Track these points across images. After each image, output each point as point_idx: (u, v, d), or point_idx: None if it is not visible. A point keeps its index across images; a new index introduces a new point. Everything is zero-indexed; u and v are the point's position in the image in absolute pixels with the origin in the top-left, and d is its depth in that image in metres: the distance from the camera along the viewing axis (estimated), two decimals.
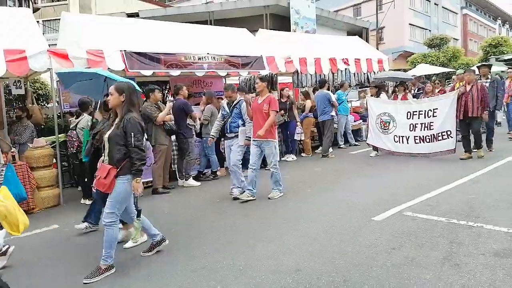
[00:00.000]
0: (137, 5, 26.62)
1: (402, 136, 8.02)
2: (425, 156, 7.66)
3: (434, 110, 7.55)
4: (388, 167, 7.26)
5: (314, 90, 9.95)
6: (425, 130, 7.69)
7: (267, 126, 5.49)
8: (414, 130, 7.84)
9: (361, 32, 24.86)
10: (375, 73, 11.53)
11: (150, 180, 6.66)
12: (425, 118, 7.68)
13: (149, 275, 3.43)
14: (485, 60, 23.88)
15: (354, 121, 10.92)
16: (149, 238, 4.00)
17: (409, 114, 7.92)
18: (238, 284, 3.13)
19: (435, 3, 37.64)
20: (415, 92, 10.84)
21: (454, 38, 36.34)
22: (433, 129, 7.56)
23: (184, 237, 4.36)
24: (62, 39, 7.33)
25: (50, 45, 6.25)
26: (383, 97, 9.13)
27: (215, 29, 9.92)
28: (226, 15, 19.92)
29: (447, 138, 7.42)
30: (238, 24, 12.18)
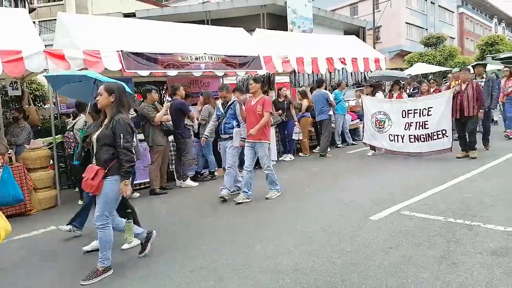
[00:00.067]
0: (133, 5, 26.60)
1: (397, 135, 8.00)
2: (419, 155, 7.63)
3: (429, 109, 7.52)
4: (385, 166, 7.27)
5: (312, 90, 9.96)
6: (420, 129, 7.66)
7: (260, 126, 5.44)
8: (409, 129, 7.81)
9: (358, 31, 24.90)
10: (372, 72, 11.54)
11: (148, 180, 6.66)
12: (420, 117, 7.66)
13: (147, 276, 3.42)
14: (481, 58, 23.96)
15: (351, 120, 10.94)
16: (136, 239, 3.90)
17: (404, 112, 7.90)
18: (237, 284, 3.13)
19: (432, 2, 37.74)
20: (410, 91, 10.86)
21: (450, 37, 36.46)
22: (427, 128, 7.54)
23: (182, 237, 4.35)
24: (58, 40, 7.29)
25: (46, 45, 6.21)
26: (379, 96, 9.15)
27: (212, 29, 9.90)
28: (223, 15, 19.91)
29: (442, 137, 7.38)
30: (235, 23, 12.17)
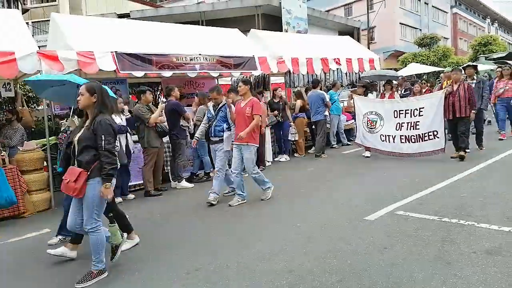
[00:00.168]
0: (128, 5, 26.50)
1: (388, 135, 7.96)
2: (411, 156, 7.59)
3: (420, 109, 7.49)
4: (380, 167, 7.29)
5: (307, 90, 9.98)
6: (411, 129, 7.61)
7: (250, 129, 5.38)
8: (400, 129, 7.77)
9: (352, 31, 25.01)
10: (365, 72, 11.57)
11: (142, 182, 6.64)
12: (411, 117, 7.62)
13: (142, 279, 3.41)
14: (475, 59, 24.15)
15: (347, 120, 10.97)
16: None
17: (395, 112, 7.86)
18: (232, 285, 3.12)
19: (425, 2, 37.95)
20: (402, 93, 10.87)
21: (444, 37, 36.69)
22: (419, 128, 7.49)
23: (177, 239, 4.34)
24: (51, 41, 7.24)
25: (39, 46, 6.18)
26: (371, 97, 9.16)
27: (207, 29, 9.89)
28: (217, 16, 19.90)
29: (433, 138, 7.34)
30: (229, 24, 12.17)
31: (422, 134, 7.47)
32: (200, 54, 7.60)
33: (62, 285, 3.43)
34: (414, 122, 7.58)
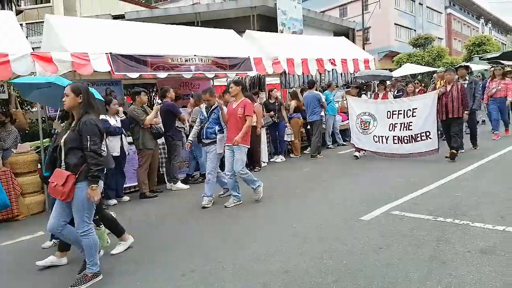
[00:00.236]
0: (123, 6, 26.41)
1: (382, 136, 7.93)
2: (404, 157, 7.57)
3: (413, 110, 7.47)
4: (375, 167, 7.31)
5: (302, 91, 9.99)
6: (404, 130, 7.59)
7: (243, 133, 5.35)
8: (393, 130, 7.75)
9: (347, 32, 25.10)
10: (359, 72, 11.60)
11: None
12: (404, 118, 7.60)
13: (137, 280, 3.39)
14: (469, 59, 24.30)
15: (342, 121, 10.98)
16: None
17: (389, 113, 7.83)
18: (228, 287, 3.12)
19: (420, 3, 38.15)
20: (395, 94, 10.88)
21: (438, 38, 36.87)
22: (411, 129, 7.47)
23: (172, 241, 4.32)
24: (46, 42, 7.20)
25: (34, 48, 6.15)
26: (364, 97, 9.16)
27: (202, 30, 9.87)
28: (212, 16, 19.88)
29: (426, 139, 7.32)
30: (225, 25, 12.15)
31: (415, 134, 7.45)
32: (195, 55, 7.59)
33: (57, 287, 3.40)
34: (407, 123, 7.56)
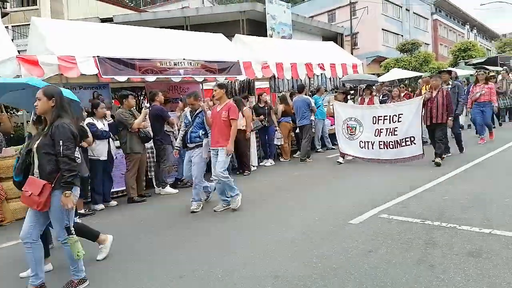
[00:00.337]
0: (111, 10, 26.22)
1: (367, 141, 7.95)
2: (390, 162, 7.60)
3: (399, 115, 7.50)
4: (363, 171, 7.36)
5: (292, 95, 10.03)
6: (389, 135, 7.63)
7: (232, 139, 5.26)
8: (379, 135, 7.78)
9: (336, 37, 25.38)
10: (345, 76, 11.69)
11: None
12: (389, 123, 7.63)
13: (125, 286, 3.34)
14: (455, 64, 24.74)
15: (331, 125, 11.03)
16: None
17: (374, 119, 7.86)
18: None
19: (407, 9, 38.75)
20: (380, 98, 10.98)
21: (425, 43, 37.48)
22: (397, 134, 7.51)
23: (160, 246, 4.27)
24: (32, 45, 7.10)
25: (19, 51, 6.06)
26: (350, 103, 9.20)
27: (191, 34, 9.88)
28: (202, 21, 19.90)
29: (410, 144, 7.35)
30: (214, 29, 12.17)
31: (400, 140, 7.48)
32: (184, 59, 7.57)
33: None
34: (392, 128, 7.59)
